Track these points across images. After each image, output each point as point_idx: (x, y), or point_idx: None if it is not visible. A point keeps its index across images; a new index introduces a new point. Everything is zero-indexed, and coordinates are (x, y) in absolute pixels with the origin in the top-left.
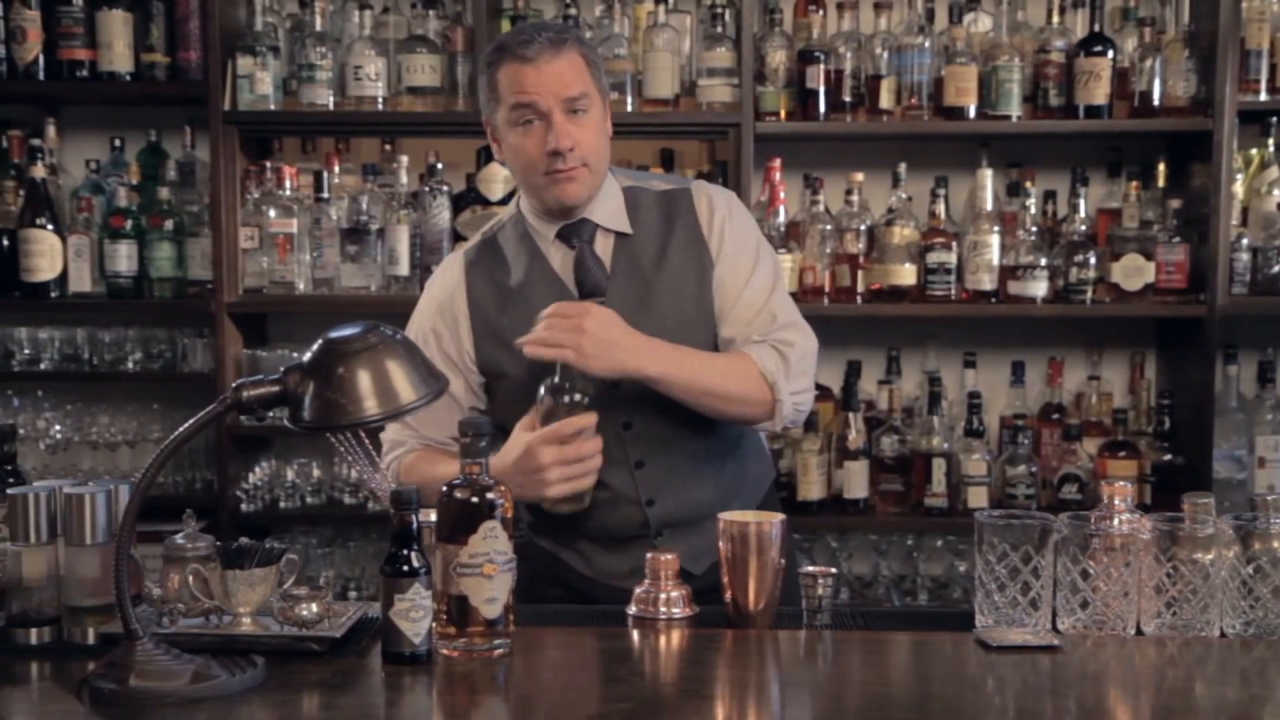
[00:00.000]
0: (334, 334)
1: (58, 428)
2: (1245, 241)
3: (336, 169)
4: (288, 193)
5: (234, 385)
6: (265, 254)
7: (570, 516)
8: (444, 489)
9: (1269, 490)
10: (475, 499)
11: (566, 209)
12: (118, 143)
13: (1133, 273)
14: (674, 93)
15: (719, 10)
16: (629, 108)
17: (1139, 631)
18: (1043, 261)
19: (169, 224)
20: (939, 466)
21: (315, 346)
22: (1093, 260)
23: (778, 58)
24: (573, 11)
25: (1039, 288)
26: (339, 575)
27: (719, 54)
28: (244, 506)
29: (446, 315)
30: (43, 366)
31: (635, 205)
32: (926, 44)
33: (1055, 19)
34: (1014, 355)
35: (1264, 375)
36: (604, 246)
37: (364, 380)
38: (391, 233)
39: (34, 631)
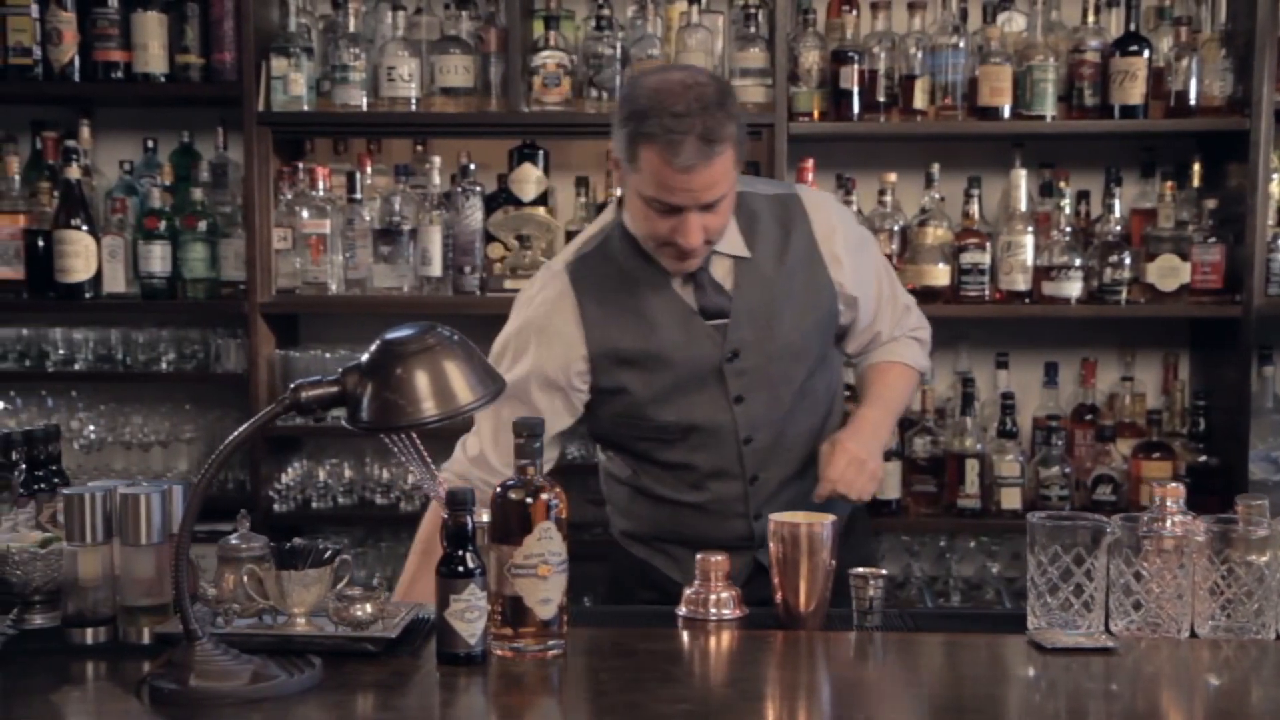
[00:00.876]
0: (391, 335)
1: (91, 428)
2: None
3: (369, 170)
4: (320, 193)
5: (292, 386)
6: (298, 255)
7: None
8: (498, 489)
9: None
10: (530, 499)
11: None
12: (150, 144)
13: (1168, 273)
14: None
15: (752, 10)
16: None
17: (1193, 634)
18: (1077, 262)
19: (202, 225)
20: (972, 467)
21: (373, 347)
22: (1127, 260)
23: (811, 58)
24: (606, 12)
25: (1073, 288)
26: (371, 575)
27: (752, 54)
28: (276, 507)
29: (548, 335)
30: (77, 367)
31: (750, 221)
32: (961, 44)
33: (1090, 18)
34: (1047, 356)
35: None
36: (722, 269)
37: (422, 381)
38: (424, 233)
39: (89, 631)
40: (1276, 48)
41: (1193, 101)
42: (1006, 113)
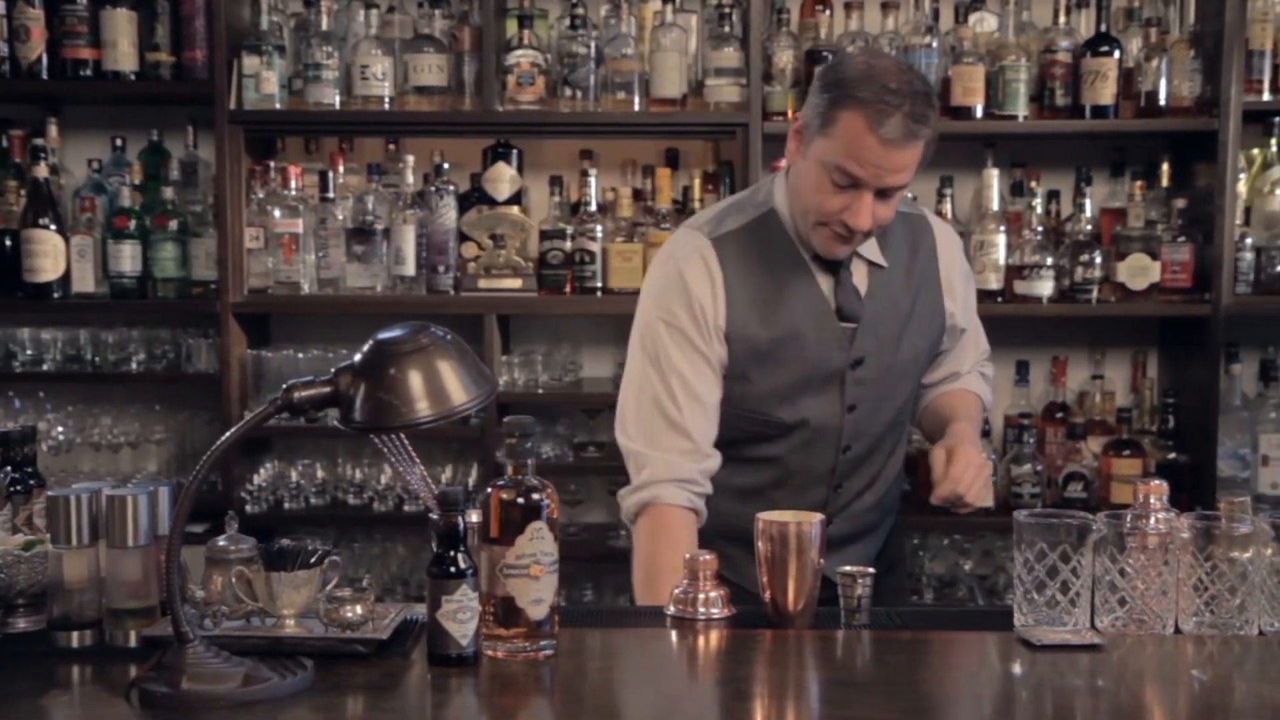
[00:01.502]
0: (384, 334)
1: (60, 429)
2: (1249, 241)
3: (341, 169)
4: (293, 193)
5: (285, 386)
6: (270, 254)
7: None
8: (488, 489)
9: (1272, 488)
10: (522, 500)
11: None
12: (119, 142)
13: (1138, 272)
14: (681, 92)
15: (726, 10)
16: (636, 107)
17: (1177, 630)
18: (1049, 261)
19: (173, 224)
20: None
21: (365, 347)
22: (1098, 260)
23: (785, 57)
24: (580, 11)
25: (1045, 287)
26: (344, 577)
27: (726, 54)
28: (249, 508)
29: (701, 304)
30: (45, 368)
31: (885, 234)
32: (934, 44)
33: (1061, 19)
34: (1018, 354)
35: (1267, 374)
36: (859, 273)
37: (416, 381)
38: (398, 233)
39: (75, 635)
40: (1244, 49)
41: (1162, 102)
42: (979, 112)
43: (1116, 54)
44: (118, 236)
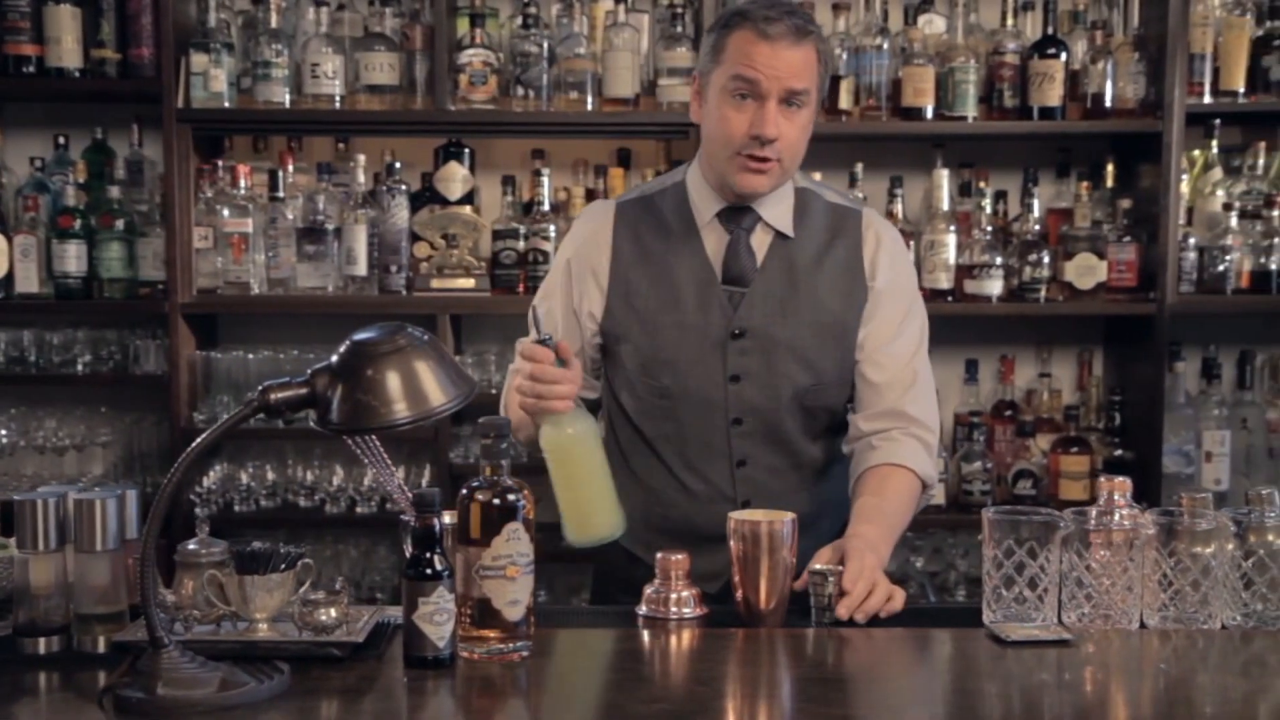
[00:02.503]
0: (360, 336)
1: (3, 432)
2: (1192, 241)
3: (290, 168)
4: (242, 192)
5: (260, 388)
6: (219, 254)
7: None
8: (464, 491)
9: (1215, 484)
10: (498, 501)
11: (742, 197)
12: (61, 140)
13: (1086, 271)
14: (634, 92)
15: (678, 10)
16: (589, 107)
17: (1142, 625)
18: (998, 260)
19: (120, 223)
20: None
21: (342, 348)
22: (1046, 259)
23: None
24: (532, 10)
25: (994, 286)
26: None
27: (679, 54)
28: (198, 511)
29: (585, 260)
30: None
31: (804, 209)
32: (884, 45)
33: (1009, 21)
34: (967, 353)
35: (1208, 372)
36: (761, 240)
37: (393, 382)
38: (349, 232)
39: (42, 641)
40: (1186, 52)
41: (1108, 104)
42: (930, 113)
43: (1063, 56)
44: (62, 236)
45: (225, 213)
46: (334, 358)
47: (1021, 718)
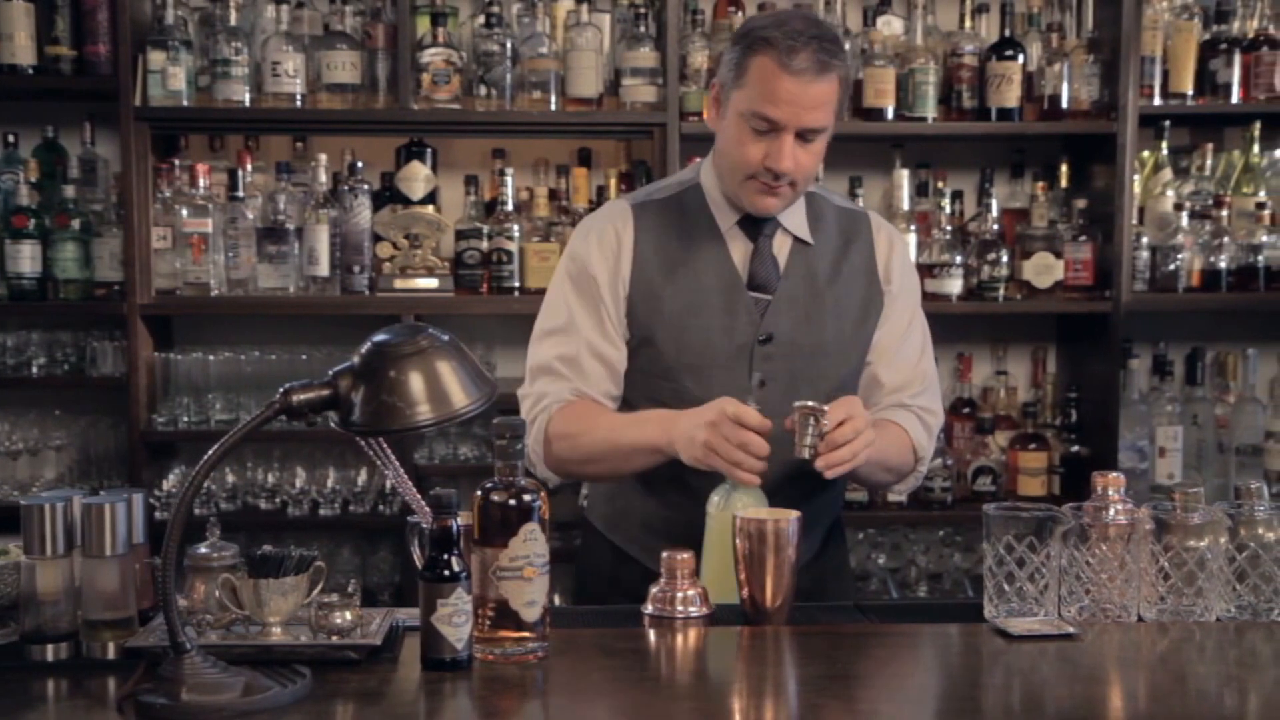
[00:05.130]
0: (381, 337)
1: None
2: (1144, 240)
3: (249, 167)
4: (201, 191)
5: (282, 389)
6: (178, 255)
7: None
8: (479, 492)
9: (1168, 478)
10: (514, 501)
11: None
12: (11, 139)
13: (1043, 270)
14: (597, 92)
15: (641, 10)
16: (553, 106)
17: (1139, 618)
18: (958, 260)
19: (75, 223)
20: None
21: (363, 349)
22: (1004, 258)
23: (699, 58)
24: (495, 9)
25: (954, 285)
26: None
27: (642, 54)
28: (157, 514)
29: (608, 268)
30: None
31: (817, 214)
32: (846, 46)
33: (967, 23)
34: None
35: (1160, 369)
36: (781, 246)
37: (416, 383)
38: (310, 232)
39: (50, 648)
40: (1139, 55)
41: (1064, 105)
42: (890, 114)
43: (1020, 58)
44: (15, 236)
45: (184, 213)
46: (355, 359)
47: (1036, 710)
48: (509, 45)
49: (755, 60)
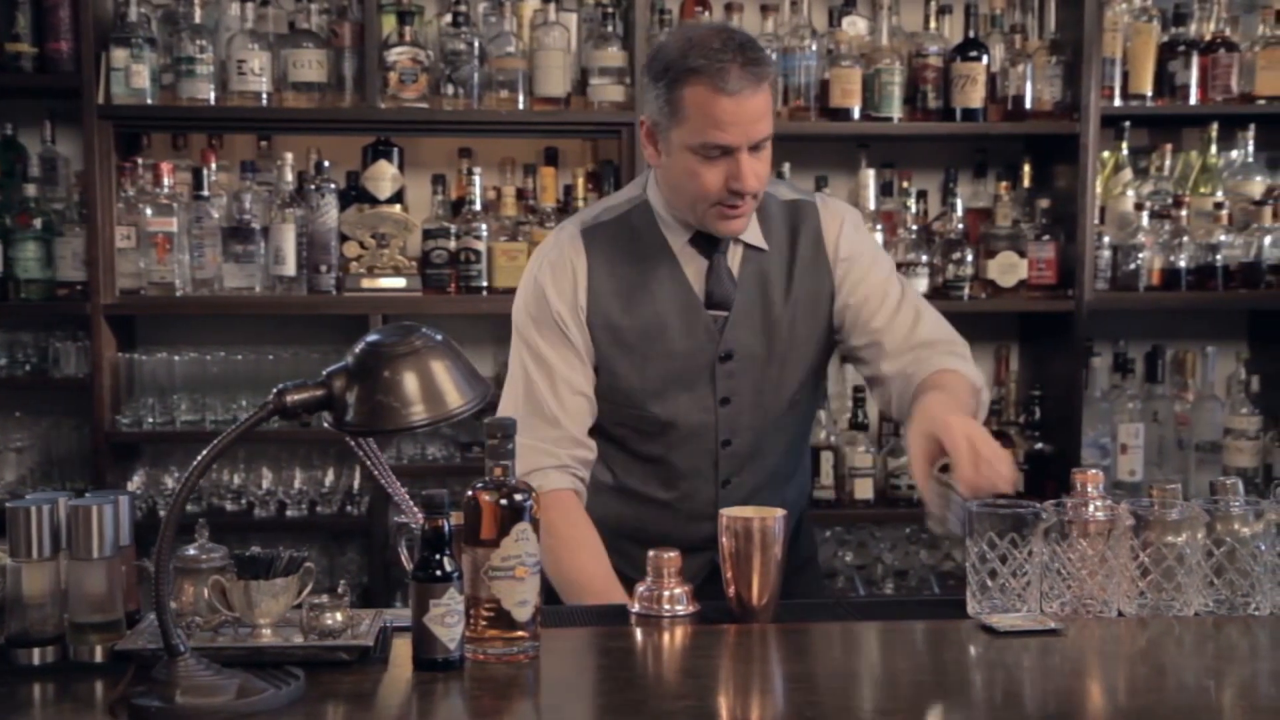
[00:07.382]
0: (375, 337)
1: None
2: (1106, 240)
3: (213, 166)
4: (165, 190)
5: (276, 390)
6: (142, 254)
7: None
8: (470, 492)
9: (1130, 475)
10: (505, 501)
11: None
12: None
13: (1007, 269)
14: (565, 91)
15: (608, 10)
16: (520, 106)
17: (1119, 614)
18: (923, 259)
19: (37, 222)
20: (826, 459)
21: (356, 349)
22: (969, 258)
23: None
24: (461, 8)
25: (920, 285)
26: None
27: (609, 54)
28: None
29: (567, 294)
30: None
31: (765, 215)
32: (813, 46)
33: (931, 24)
34: None
35: (1121, 367)
36: (734, 256)
37: (411, 383)
38: (276, 232)
39: (36, 651)
40: (1100, 56)
41: (1027, 105)
42: (856, 114)
43: (984, 59)
44: None
45: (148, 212)
46: (349, 359)
47: (1023, 704)
48: (476, 44)
49: (687, 92)
